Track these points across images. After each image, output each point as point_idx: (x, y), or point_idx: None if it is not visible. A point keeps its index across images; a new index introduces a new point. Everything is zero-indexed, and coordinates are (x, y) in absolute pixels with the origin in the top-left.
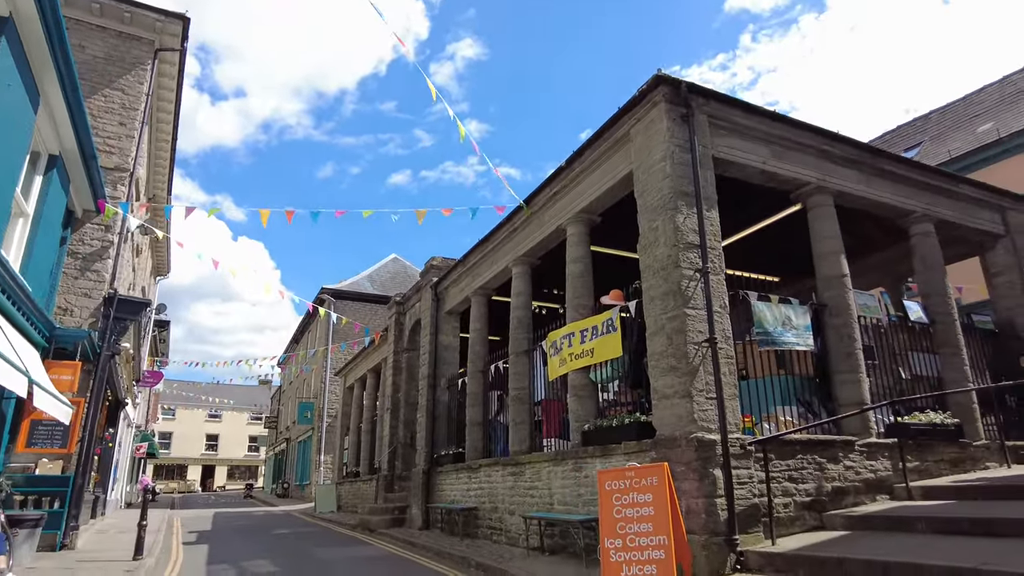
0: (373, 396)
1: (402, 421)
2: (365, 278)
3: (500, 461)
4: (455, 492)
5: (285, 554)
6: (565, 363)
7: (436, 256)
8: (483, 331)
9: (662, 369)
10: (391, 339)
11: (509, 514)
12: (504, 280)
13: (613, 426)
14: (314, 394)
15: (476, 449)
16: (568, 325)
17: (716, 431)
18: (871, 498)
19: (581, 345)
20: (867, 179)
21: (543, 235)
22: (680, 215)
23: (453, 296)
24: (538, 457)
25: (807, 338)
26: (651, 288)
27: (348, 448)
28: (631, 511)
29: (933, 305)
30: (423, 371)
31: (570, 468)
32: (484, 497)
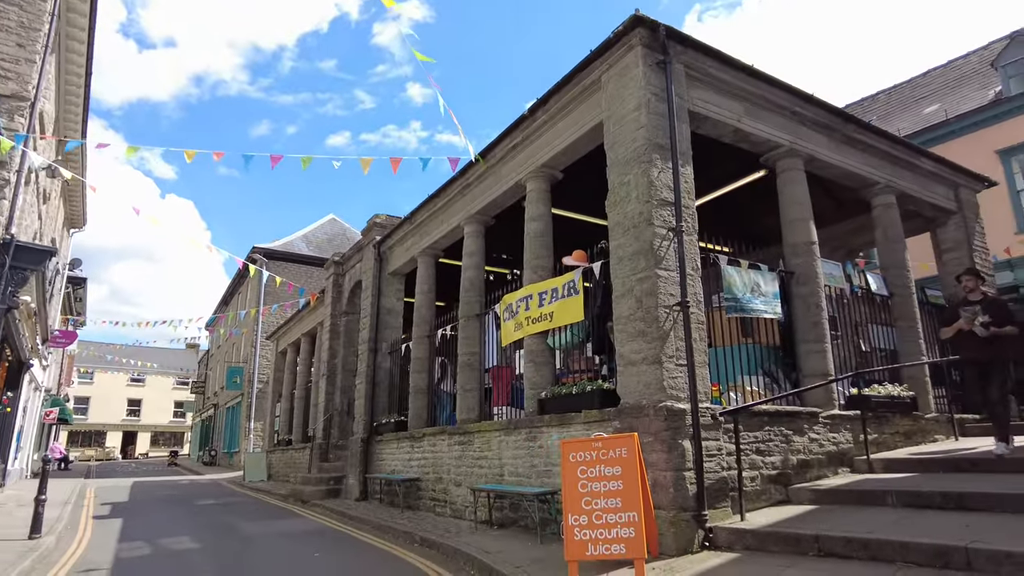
0: (308, 361)
1: (339, 388)
2: (300, 238)
3: (447, 430)
4: (396, 462)
5: (208, 528)
6: (521, 327)
7: (380, 213)
8: (430, 294)
9: (629, 334)
10: (328, 301)
11: (455, 485)
12: (455, 240)
13: (573, 394)
14: (244, 359)
15: (420, 417)
16: (525, 287)
17: (686, 400)
18: (833, 471)
19: (539, 308)
20: (836, 146)
21: (500, 191)
22: (655, 169)
23: (398, 256)
24: (488, 426)
25: (775, 306)
26: (620, 247)
27: (280, 415)
28: (598, 485)
29: (892, 278)
30: (363, 335)
31: (523, 438)
32: (428, 467)
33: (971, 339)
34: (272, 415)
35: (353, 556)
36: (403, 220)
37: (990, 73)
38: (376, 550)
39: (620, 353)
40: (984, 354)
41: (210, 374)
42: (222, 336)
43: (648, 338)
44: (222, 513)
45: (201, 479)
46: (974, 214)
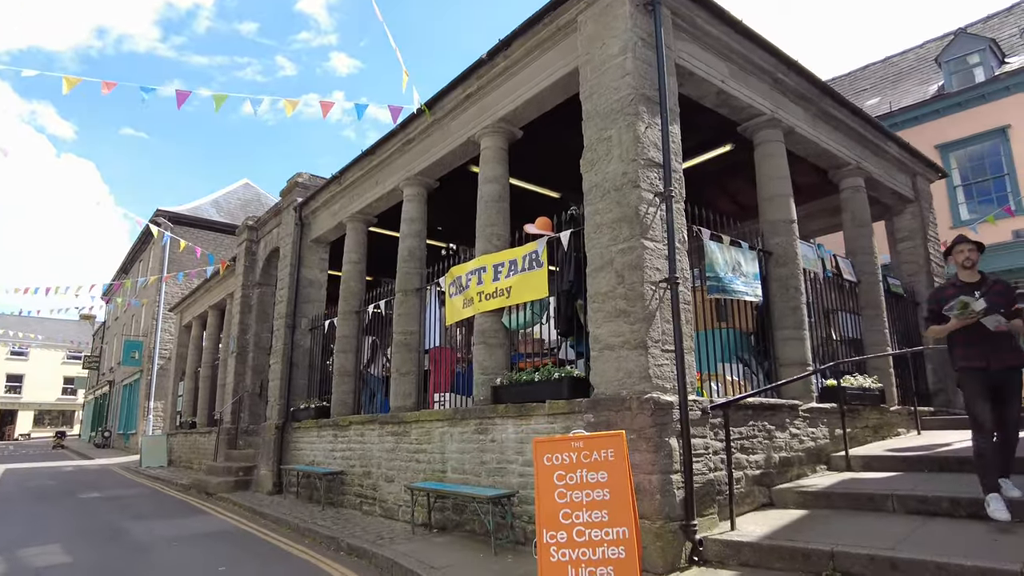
0: (215, 337)
1: (251, 367)
2: (210, 203)
3: (378, 419)
4: (316, 452)
5: (88, 534)
6: (471, 304)
7: (302, 172)
8: (359, 264)
9: (607, 313)
10: (240, 271)
11: (387, 481)
12: (391, 205)
13: (535, 381)
14: (144, 332)
15: (345, 403)
16: (478, 258)
17: (673, 391)
18: (812, 469)
19: (494, 283)
20: (812, 120)
21: (448, 149)
22: (641, 124)
23: (322, 222)
24: (429, 415)
25: (756, 287)
26: (597, 213)
27: (183, 395)
28: (580, 494)
29: (859, 264)
30: (280, 309)
31: (472, 430)
32: (354, 460)
33: (975, 337)
34: (175, 395)
35: (267, 570)
36: (330, 180)
37: (929, 70)
38: (295, 561)
39: (595, 335)
40: (998, 359)
41: (106, 348)
42: (120, 307)
43: (630, 319)
44: (109, 510)
45: (90, 465)
46: (929, 204)
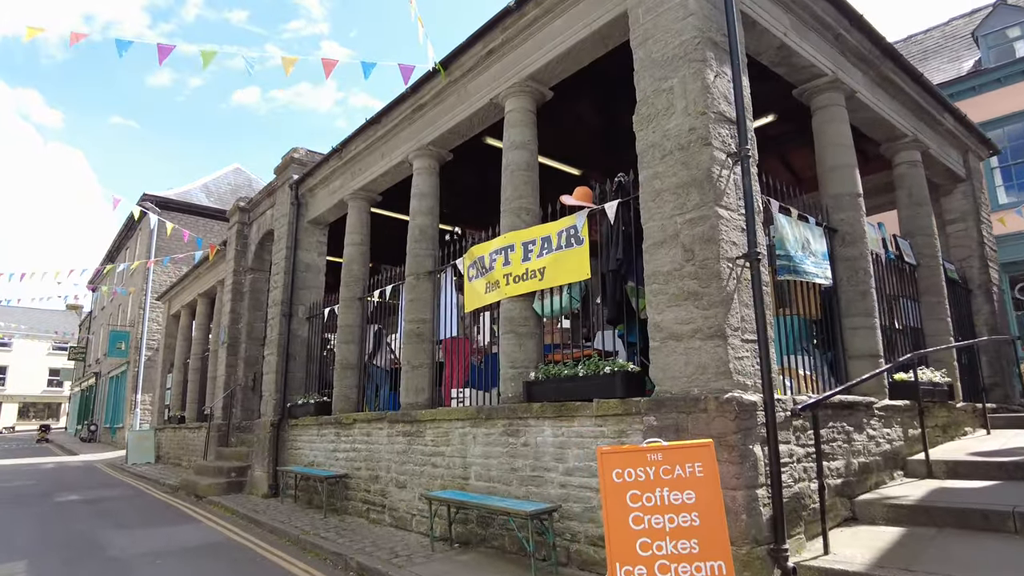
0: (205, 327)
1: (243, 359)
2: (200, 188)
3: (387, 416)
4: (316, 453)
5: (60, 546)
6: (496, 288)
7: (298, 147)
8: (363, 247)
9: (672, 296)
10: (231, 256)
11: (398, 487)
12: (397, 180)
13: (580, 376)
14: (131, 322)
15: (348, 399)
16: (504, 235)
17: (755, 389)
18: (889, 475)
19: (524, 264)
20: (871, 85)
21: (465, 114)
22: (709, 71)
23: (321, 200)
24: (448, 414)
25: (826, 269)
26: (657, 178)
27: (172, 388)
28: (661, 519)
29: (918, 246)
30: (275, 296)
31: (500, 431)
32: (360, 462)
33: None
34: (162, 387)
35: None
36: (330, 153)
37: (960, 46)
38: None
39: (655, 323)
40: None
41: (92, 339)
42: (105, 296)
43: (703, 303)
44: (88, 515)
45: (73, 461)
46: (980, 183)
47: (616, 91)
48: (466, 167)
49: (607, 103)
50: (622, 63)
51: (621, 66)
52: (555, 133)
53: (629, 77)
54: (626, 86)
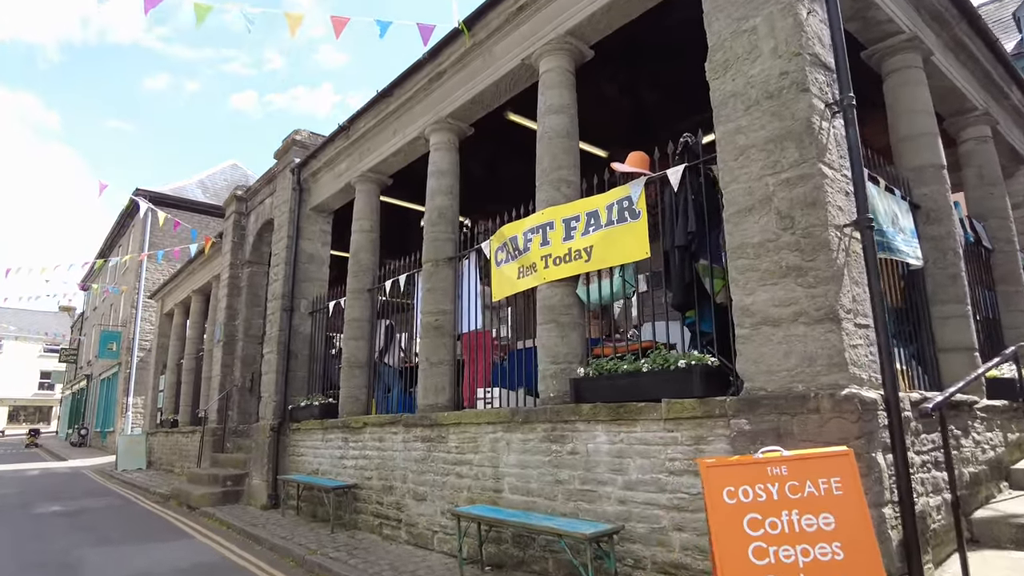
0: (200, 325)
1: (240, 358)
2: (195, 184)
3: (403, 420)
4: (321, 460)
5: (37, 566)
6: (533, 272)
7: (300, 128)
8: (372, 234)
9: (766, 273)
10: (227, 248)
11: (416, 500)
12: (411, 160)
13: (643, 371)
14: (123, 321)
15: (357, 400)
16: (541, 212)
17: (873, 384)
18: (996, 487)
19: (566, 243)
20: (943, 50)
21: (491, 79)
22: (801, 6)
23: (325, 185)
24: (475, 417)
25: (916, 248)
26: (740, 133)
27: (164, 390)
28: (792, 551)
29: (992, 229)
30: (276, 289)
31: (540, 437)
32: (371, 471)
33: None
34: (155, 389)
35: None
36: (335, 132)
37: (998, 28)
38: None
39: (743, 307)
40: None
41: (84, 340)
42: (96, 293)
43: (808, 279)
44: (68, 529)
45: (60, 467)
46: None
47: (646, 64)
48: (474, 154)
49: (635, 80)
50: (663, 25)
51: (659, 31)
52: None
53: (664, 48)
54: (659, 59)
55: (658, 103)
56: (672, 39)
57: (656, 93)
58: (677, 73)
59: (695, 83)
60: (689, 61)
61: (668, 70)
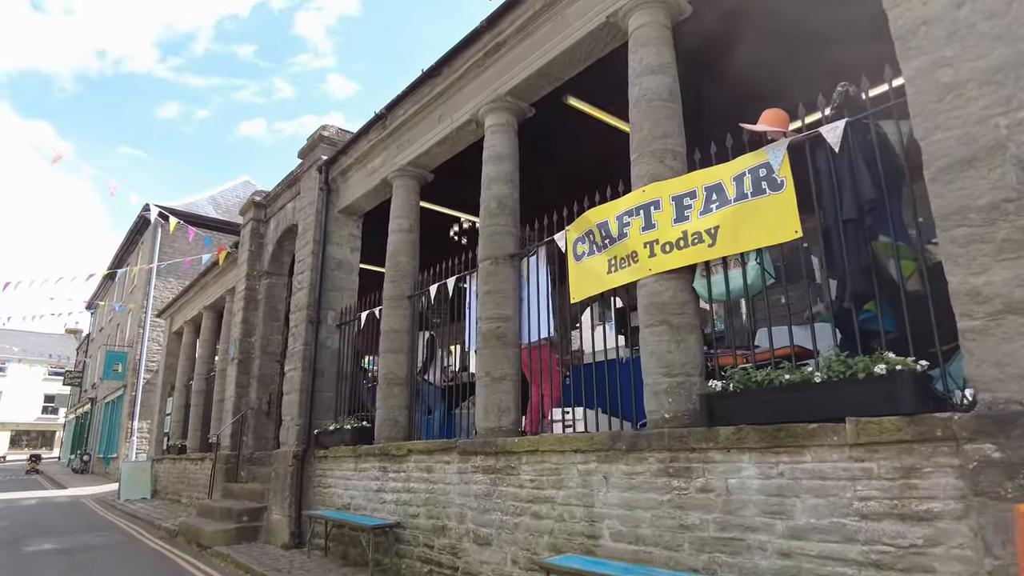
0: (211, 344)
1: (256, 377)
2: (207, 200)
3: (459, 446)
4: (354, 493)
5: None
6: (634, 263)
7: (328, 124)
8: (412, 234)
9: (1005, 243)
10: (244, 258)
11: (478, 544)
12: (459, 149)
13: (815, 382)
14: (129, 341)
15: (395, 423)
16: (642, 189)
17: None
18: None
19: (680, 225)
20: None
21: (566, 43)
22: None
23: (356, 185)
24: (558, 443)
25: None
26: (945, 66)
27: (172, 413)
28: None
29: None
30: (300, 299)
31: (655, 470)
32: (417, 507)
33: None
34: (162, 413)
35: None
36: (370, 122)
37: None
38: None
39: (971, 290)
40: None
41: (89, 362)
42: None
43: None
44: (60, 572)
45: (59, 496)
46: None
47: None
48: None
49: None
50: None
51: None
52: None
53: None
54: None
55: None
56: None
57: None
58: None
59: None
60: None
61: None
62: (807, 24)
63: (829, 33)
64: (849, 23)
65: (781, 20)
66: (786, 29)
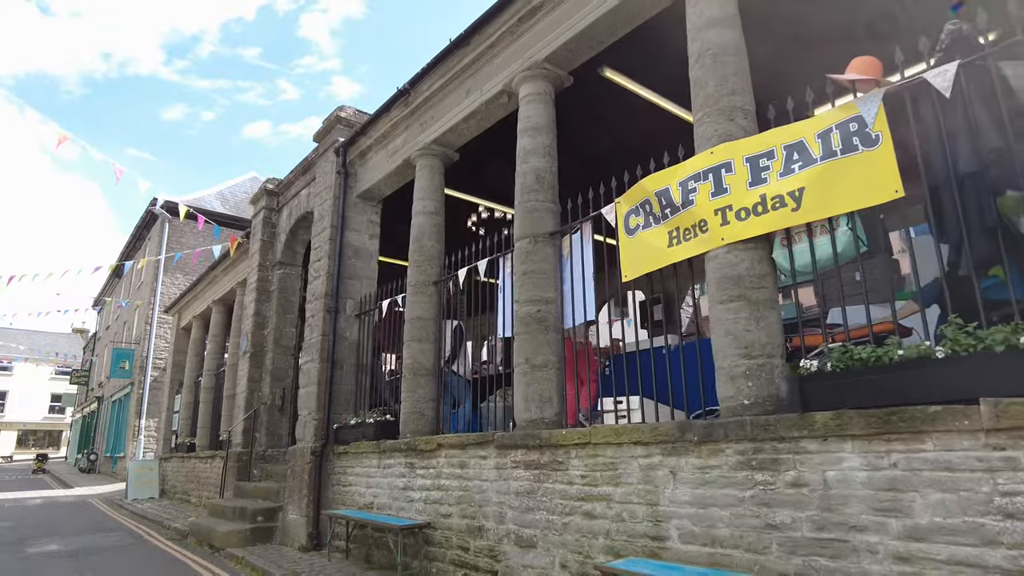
0: (221, 339)
1: (269, 372)
2: (214, 195)
3: (496, 440)
4: (377, 491)
5: None
6: (702, 232)
7: (346, 105)
8: (437, 216)
9: None
10: (255, 248)
11: (520, 546)
12: (488, 125)
13: (936, 358)
14: (136, 338)
15: (422, 416)
16: (710, 151)
17: None
18: None
19: (757, 188)
20: None
21: (611, 4)
22: None
23: (375, 167)
24: (614, 435)
25: None
26: None
27: (180, 410)
28: None
29: None
30: (316, 288)
31: (733, 463)
32: (449, 506)
33: None
34: (170, 410)
35: None
36: (392, 99)
37: None
38: None
39: None
40: None
41: (96, 360)
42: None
43: None
44: (66, 575)
45: (65, 496)
46: None
47: None
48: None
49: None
50: None
51: None
52: (658, 62)
53: None
54: None
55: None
56: None
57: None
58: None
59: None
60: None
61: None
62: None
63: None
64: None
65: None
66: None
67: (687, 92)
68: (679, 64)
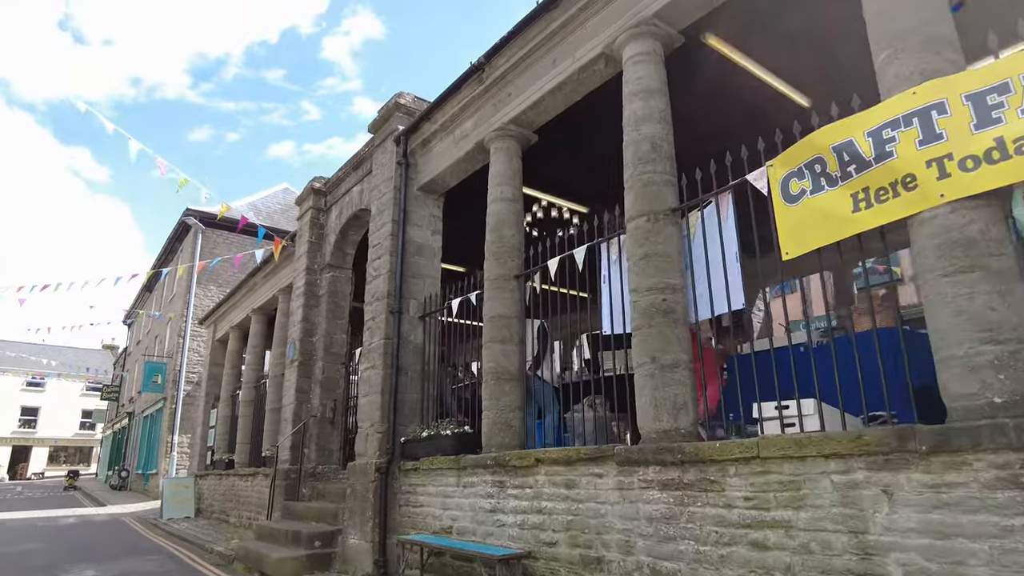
0: (260, 350)
1: (319, 381)
2: (247, 206)
3: (616, 455)
4: (457, 514)
5: None
6: (911, 189)
7: (404, 92)
8: (516, 204)
9: None
10: (302, 251)
11: None
12: (576, 98)
13: None
14: (169, 352)
15: (508, 428)
16: (911, 91)
17: None
18: None
19: (983, 132)
20: None
21: None
22: None
23: (439, 156)
24: (794, 447)
25: None
26: None
27: (216, 425)
28: None
29: None
30: (378, 287)
31: (984, 481)
32: (555, 532)
33: None
34: (205, 425)
35: None
36: (464, 76)
37: None
38: None
39: None
40: None
41: (126, 375)
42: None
43: None
44: None
45: (98, 514)
46: None
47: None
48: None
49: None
50: None
51: None
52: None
53: None
54: None
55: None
56: None
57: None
58: None
59: None
60: None
61: None
62: None
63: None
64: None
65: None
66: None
67: (796, 66)
68: (790, 38)
